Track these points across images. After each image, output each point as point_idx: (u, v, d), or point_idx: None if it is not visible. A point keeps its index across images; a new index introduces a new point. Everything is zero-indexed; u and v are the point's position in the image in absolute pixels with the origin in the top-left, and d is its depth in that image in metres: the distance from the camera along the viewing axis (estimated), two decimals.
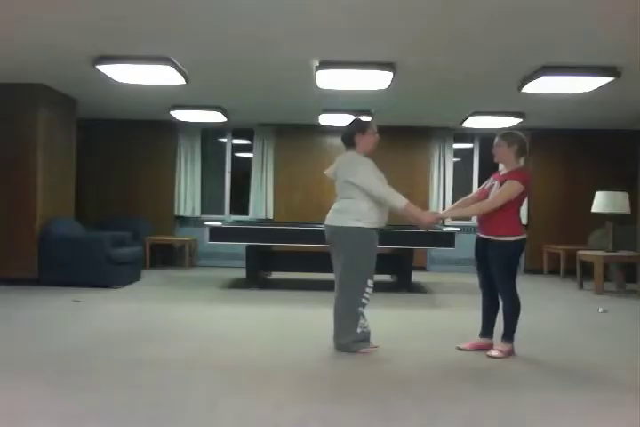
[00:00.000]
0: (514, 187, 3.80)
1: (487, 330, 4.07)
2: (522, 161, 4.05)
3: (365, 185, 3.83)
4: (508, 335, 3.92)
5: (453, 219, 8.93)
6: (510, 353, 3.91)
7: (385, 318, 5.18)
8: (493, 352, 3.89)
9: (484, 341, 4.05)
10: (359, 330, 3.89)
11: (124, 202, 8.86)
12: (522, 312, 3.91)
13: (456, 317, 5.32)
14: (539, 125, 8.51)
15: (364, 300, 3.89)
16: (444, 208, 8.86)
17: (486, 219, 3.93)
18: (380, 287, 7.12)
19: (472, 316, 4.38)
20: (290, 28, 4.31)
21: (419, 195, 8.61)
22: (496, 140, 4.01)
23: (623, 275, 7.26)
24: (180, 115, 7.85)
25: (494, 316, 4.05)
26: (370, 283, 3.90)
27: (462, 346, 4.06)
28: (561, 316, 5.56)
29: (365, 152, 3.98)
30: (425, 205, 8.64)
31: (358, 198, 3.86)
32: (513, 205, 3.85)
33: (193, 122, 8.47)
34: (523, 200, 3.93)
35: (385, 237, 6.52)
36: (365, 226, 3.84)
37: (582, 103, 6.69)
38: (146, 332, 4.51)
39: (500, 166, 4.22)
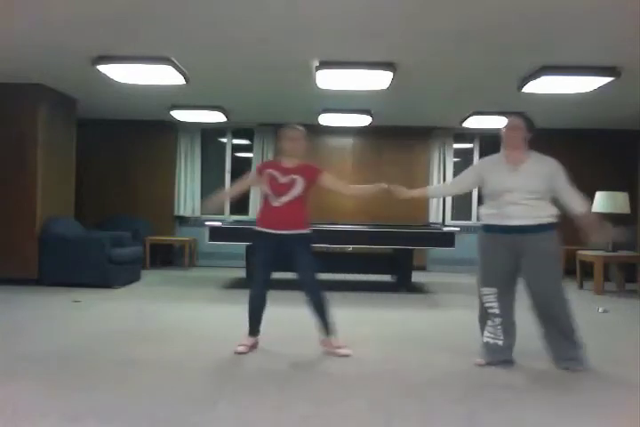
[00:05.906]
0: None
1: (259, 327, 4.05)
2: None
3: None
4: (333, 326, 3.94)
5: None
6: None
7: (385, 318, 5.19)
8: (346, 350, 3.86)
9: (256, 339, 4.02)
10: None
11: (123, 202, 8.86)
12: (523, 312, 3.89)
13: (456, 317, 5.32)
14: (539, 125, 8.47)
15: None
16: (443, 208, 8.90)
17: (293, 215, 3.88)
18: (380, 287, 7.17)
19: (472, 316, 4.37)
20: (290, 29, 4.31)
21: None
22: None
23: (623, 275, 7.25)
24: (180, 115, 7.85)
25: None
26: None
27: (239, 350, 3.86)
28: None
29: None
30: (425, 204, 8.63)
31: None
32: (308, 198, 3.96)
33: (193, 122, 8.47)
34: None
35: (385, 237, 6.65)
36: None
37: (582, 103, 6.69)
38: (145, 332, 4.51)
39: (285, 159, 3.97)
